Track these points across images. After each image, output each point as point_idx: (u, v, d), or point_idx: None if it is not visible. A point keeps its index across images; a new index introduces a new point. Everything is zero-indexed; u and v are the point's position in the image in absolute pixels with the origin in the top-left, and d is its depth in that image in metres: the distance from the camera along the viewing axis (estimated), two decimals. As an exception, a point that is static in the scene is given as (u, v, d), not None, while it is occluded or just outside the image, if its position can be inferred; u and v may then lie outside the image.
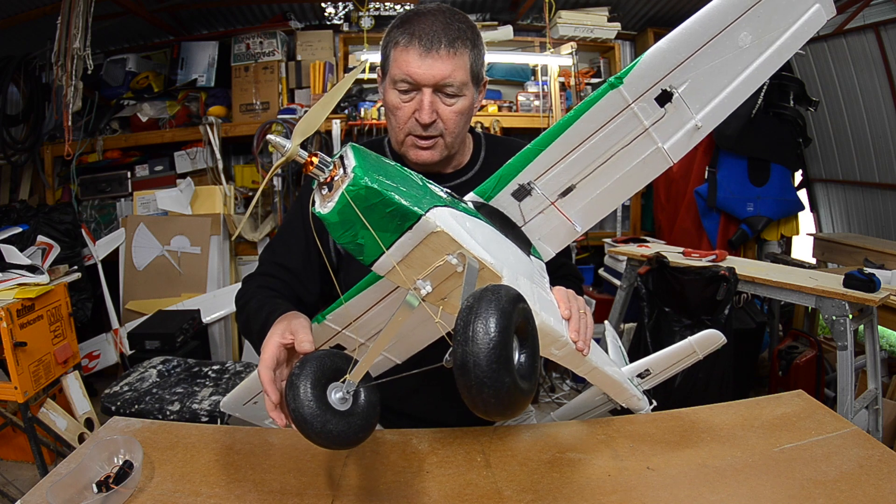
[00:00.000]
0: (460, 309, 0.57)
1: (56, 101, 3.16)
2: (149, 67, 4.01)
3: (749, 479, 0.95)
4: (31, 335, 2.29)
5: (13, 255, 2.50)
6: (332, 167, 0.66)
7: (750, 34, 0.72)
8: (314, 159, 0.65)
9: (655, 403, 1.20)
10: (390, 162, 0.73)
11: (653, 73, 0.74)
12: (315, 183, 0.67)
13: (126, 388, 2.22)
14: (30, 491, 0.89)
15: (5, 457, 2.76)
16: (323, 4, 3.78)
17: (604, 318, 3.12)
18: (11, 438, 2.68)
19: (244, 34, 3.93)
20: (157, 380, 2.30)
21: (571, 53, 3.88)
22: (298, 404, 0.71)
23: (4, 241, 2.72)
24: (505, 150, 1.22)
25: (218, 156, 3.78)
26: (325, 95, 0.69)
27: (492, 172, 0.86)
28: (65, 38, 2.87)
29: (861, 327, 2.36)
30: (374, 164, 0.67)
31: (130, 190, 3.95)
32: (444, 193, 0.75)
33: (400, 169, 0.72)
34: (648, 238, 3.66)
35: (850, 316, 2.19)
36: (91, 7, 2.86)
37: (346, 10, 3.83)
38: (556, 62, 3.95)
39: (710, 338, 1.20)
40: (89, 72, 2.94)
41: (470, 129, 1.21)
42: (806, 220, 4.12)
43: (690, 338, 1.20)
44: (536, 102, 4.02)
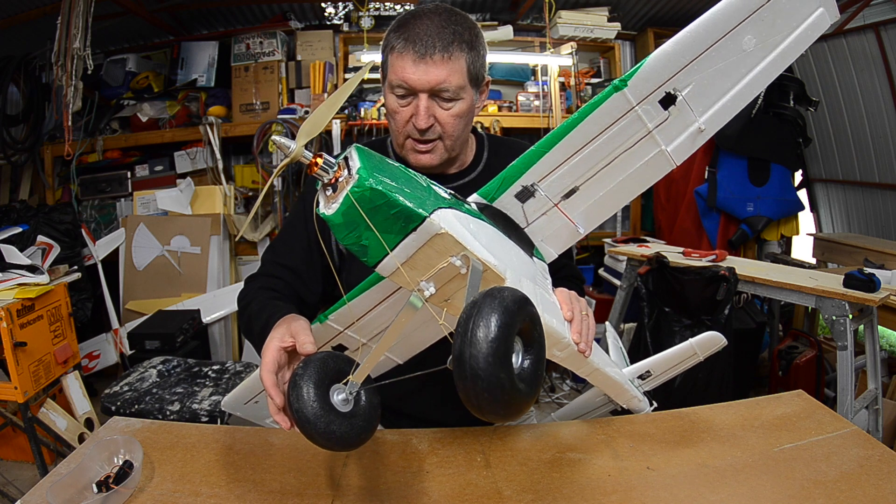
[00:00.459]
0: (464, 306, 0.57)
1: (56, 101, 3.16)
2: (149, 67, 4.01)
3: (749, 479, 0.95)
4: (31, 335, 2.29)
5: (13, 255, 2.50)
6: (336, 168, 0.65)
7: (754, 38, 0.72)
8: (318, 160, 0.65)
9: (656, 405, 1.20)
10: (394, 163, 0.73)
11: (657, 75, 0.74)
12: (319, 184, 0.67)
13: (126, 388, 2.22)
14: (30, 491, 0.89)
15: (5, 457, 2.76)
16: (323, 4, 3.78)
17: (604, 318, 3.12)
18: (11, 438, 2.68)
19: (244, 34, 3.93)
20: (157, 380, 2.30)
21: (571, 53, 3.88)
22: (302, 405, 0.71)
23: (4, 241, 2.72)
24: (508, 150, 1.22)
25: (218, 156, 3.78)
26: (331, 96, 0.69)
27: (495, 173, 0.86)
28: (65, 38, 2.87)
29: (861, 327, 2.35)
30: (379, 166, 0.67)
31: (130, 190, 3.95)
32: (447, 195, 0.75)
33: (404, 170, 0.72)
34: (648, 238, 3.66)
35: (850, 316, 2.19)
36: (91, 7, 2.86)
37: (346, 10, 3.83)
38: (556, 62, 3.95)
39: (711, 339, 1.20)
40: (89, 72, 2.94)
41: (472, 129, 1.21)
42: (806, 220, 4.12)
43: (691, 339, 1.20)
44: (536, 102, 4.02)
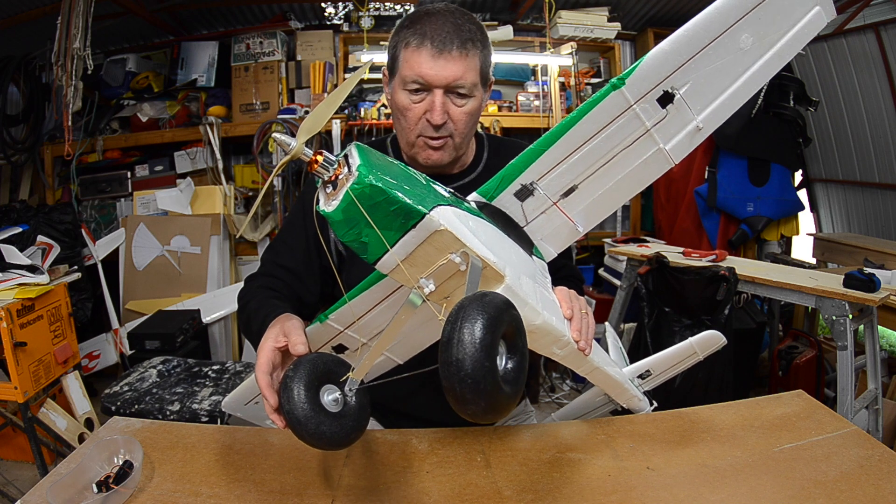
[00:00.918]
0: (453, 307, 0.58)
1: (56, 101, 3.16)
2: (149, 67, 4.01)
3: (749, 479, 0.95)
4: (31, 335, 2.29)
5: (13, 255, 2.50)
6: (336, 166, 0.66)
7: (751, 36, 0.73)
8: (319, 158, 0.65)
9: (656, 404, 1.20)
10: (394, 161, 0.73)
11: (655, 74, 0.74)
12: (319, 181, 0.67)
13: (126, 388, 2.22)
14: (30, 491, 0.89)
15: (5, 457, 2.76)
16: (323, 4, 3.77)
17: (604, 318, 3.12)
18: (11, 438, 2.68)
19: (244, 34, 3.93)
20: (157, 380, 2.30)
21: (571, 53, 3.88)
22: (292, 406, 0.72)
23: (4, 241, 2.72)
24: (508, 150, 1.22)
25: (218, 156, 3.78)
26: (331, 95, 0.69)
27: (494, 173, 0.87)
28: (65, 38, 2.86)
29: (861, 327, 2.35)
30: (379, 163, 0.67)
31: (130, 190, 3.95)
32: (447, 193, 0.75)
33: (404, 168, 0.73)
34: (648, 238, 3.66)
35: (850, 316, 2.19)
36: (91, 7, 2.86)
37: (346, 10, 3.82)
38: (556, 62, 3.95)
39: (711, 339, 1.20)
40: (89, 72, 2.93)
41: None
42: (806, 220, 4.12)
43: (691, 339, 1.20)
44: (536, 102, 4.02)
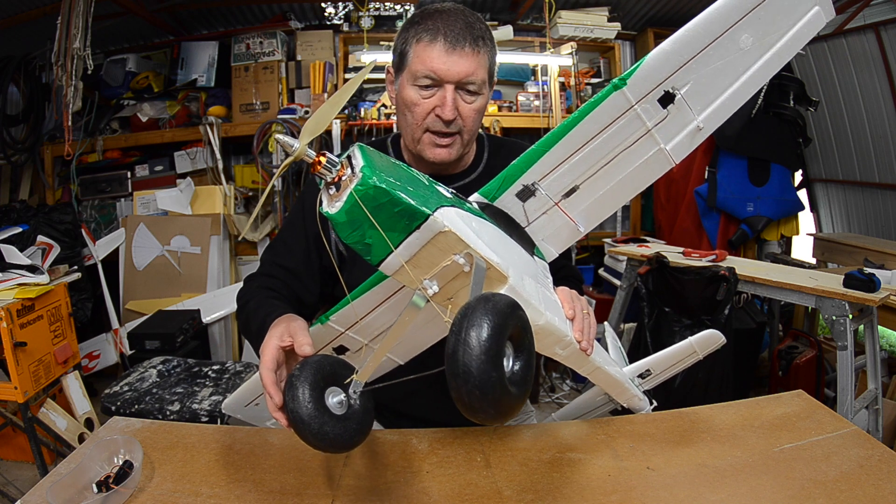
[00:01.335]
0: (460, 308, 0.58)
1: (56, 101, 3.16)
2: (149, 67, 4.01)
3: (749, 479, 0.95)
4: (31, 335, 2.29)
5: (13, 255, 2.50)
6: (339, 167, 0.66)
7: (751, 36, 0.73)
8: (322, 158, 0.65)
9: (656, 404, 1.20)
10: (397, 162, 0.73)
11: (656, 74, 0.74)
12: (322, 182, 0.67)
13: (126, 388, 2.22)
14: (30, 491, 0.89)
15: (5, 457, 2.76)
16: (323, 4, 3.78)
17: (604, 318, 3.12)
18: (11, 438, 2.68)
19: (244, 34, 3.93)
20: (157, 380, 2.30)
21: (571, 53, 3.88)
22: (297, 405, 0.72)
23: (4, 241, 2.72)
24: (508, 151, 1.23)
25: (218, 156, 3.78)
26: (334, 95, 0.69)
27: (495, 174, 0.87)
28: (65, 38, 2.86)
29: (861, 327, 2.35)
30: (382, 164, 0.67)
31: (130, 190, 3.95)
32: (449, 194, 0.76)
33: (407, 169, 0.73)
34: (648, 238, 3.66)
35: (850, 316, 2.19)
36: (91, 7, 2.86)
37: (346, 10, 3.82)
38: (556, 62, 3.95)
39: (710, 338, 1.20)
40: (89, 72, 2.93)
41: None
42: (806, 220, 4.12)
43: (691, 338, 1.20)
44: (536, 102, 4.02)
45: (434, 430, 1.12)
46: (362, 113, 3.74)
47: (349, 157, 0.67)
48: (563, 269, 1.23)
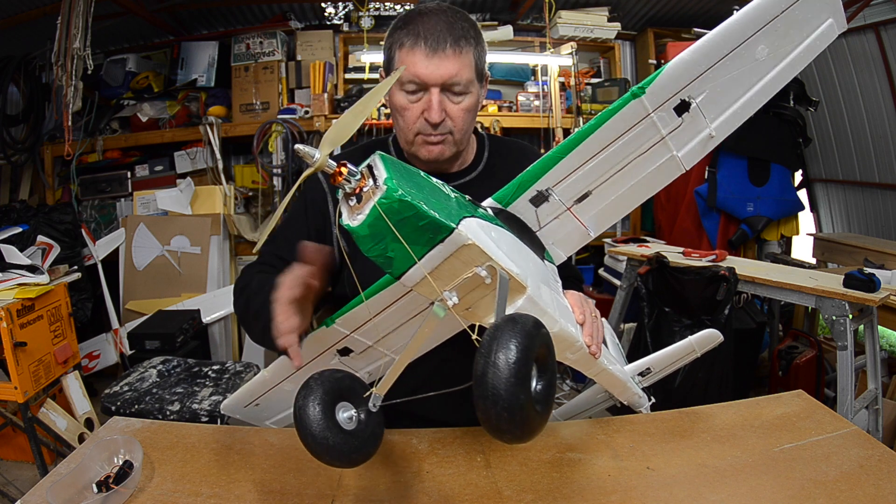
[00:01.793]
0: (486, 333, 0.58)
1: (56, 101, 3.16)
2: (149, 67, 4.01)
3: (749, 479, 0.95)
4: (31, 335, 2.29)
5: (13, 255, 2.50)
6: (359, 177, 0.64)
7: (767, 47, 0.75)
8: (343, 170, 0.64)
9: (654, 400, 1.21)
10: (416, 170, 0.72)
11: (675, 83, 0.76)
12: (341, 193, 0.66)
13: (126, 388, 2.22)
14: (30, 491, 0.89)
15: (5, 457, 2.76)
16: (323, 4, 3.78)
17: (604, 318, 3.11)
18: (11, 438, 2.67)
19: (244, 34, 3.93)
20: (157, 380, 2.29)
21: (571, 53, 3.88)
22: (306, 403, 0.73)
23: (4, 241, 2.72)
24: (509, 151, 1.23)
25: (218, 156, 3.78)
26: (358, 103, 0.67)
27: (495, 173, 0.87)
28: (65, 38, 2.86)
29: (861, 327, 2.35)
30: (405, 175, 0.66)
31: (130, 190, 3.95)
32: (466, 201, 0.75)
33: (427, 178, 0.71)
34: (648, 238, 3.65)
35: (850, 316, 2.19)
36: (91, 7, 2.86)
37: (346, 10, 3.83)
38: (556, 62, 3.95)
39: (709, 337, 1.22)
40: (89, 72, 2.94)
41: (473, 129, 1.21)
42: (806, 220, 4.11)
43: (690, 337, 1.22)
44: (536, 102, 4.02)
45: (434, 430, 1.12)
46: (363, 113, 3.73)
47: (370, 167, 0.66)
48: (563, 269, 1.23)
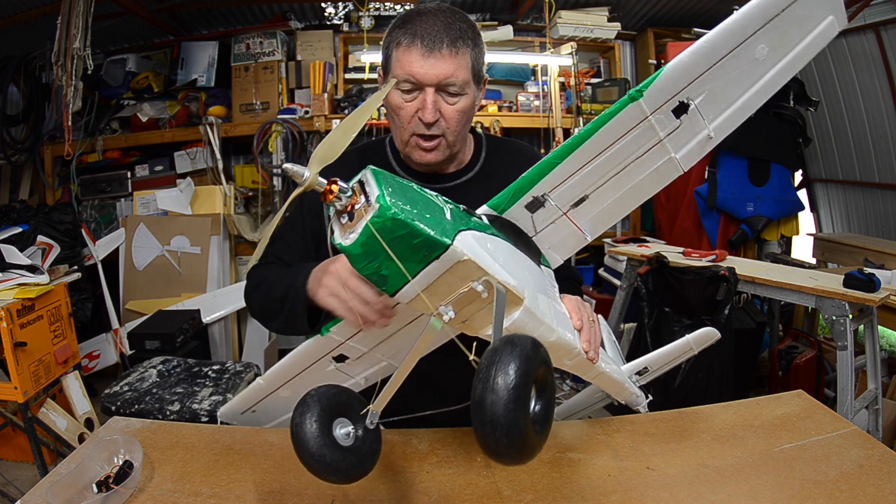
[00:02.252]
0: (483, 356, 0.57)
1: (56, 101, 3.16)
2: (149, 67, 4.01)
3: (749, 479, 0.95)
4: (31, 335, 2.29)
5: (13, 255, 2.50)
6: (351, 194, 0.63)
7: (766, 46, 0.73)
8: (334, 188, 0.63)
9: (651, 398, 1.21)
10: (408, 182, 0.70)
11: (673, 85, 0.74)
12: (332, 210, 0.65)
13: (126, 388, 2.22)
14: (30, 491, 0.89)
15: (5, 457, 2.76)
16: (323, 4, 3.78)
17: (604, 318, 3.11)
18: (11, 438, 2.67)
19: (244, 34, 3.93)
20: (157, 380, 2.29)
21: (571, 53, 3.88)
22: (303, 420, 0.73)
23: (4, 241, 2.72)
24: (506, 151, 1.22)
25: (218, 156, 3.78)
26: (347, 119, 0.66)
27: (492, 173, 0.87)
28: (65, 38, 2.86)
29: (861, 327, 2.35)
30: (397, 191, 0.64)
31: (130, 190, 3.95)
32: (461, 211, 0.74)
33: (420, 190, 0.70)
34: (648, 238, 3.65)
35: (850, 316, 2.19)
36: (91, 7, 2.86)
37: (346, 10, 3.83)
38: (556, 62, 3.95)
39: (706, 335, 1.21)
40: (89, 72, 2.93)
41: (471, 128, 1.21)
42: (806, 220, 4.11)
43: (688, 336, 1.21)
44: (536, 102, 4.02)
45: (434, 430, 1.12)
46: (362, 113, 3.74)
47: (361, 183, 0.65)
48: (562, 271, 1.23)
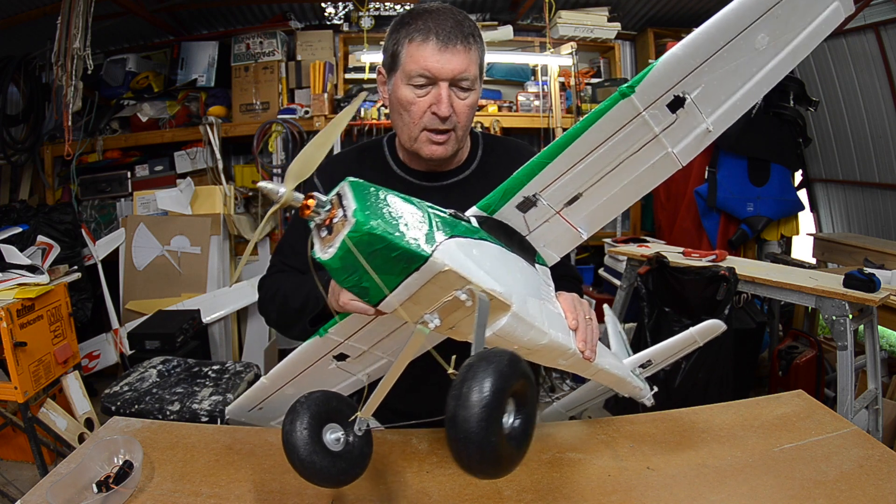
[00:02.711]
0: (459, 371, 0.57)
1: (56, 101, 3.16)
2: (149, 67, 4.01)
3: (749, 479, 0.95)
4: (31, 335, 2.29)
5: (13, 255, 2.50)
6: (329, 207, 0.63)
7: (767, 35, 0.70)
8: (310, 202, 0.62)
9: (657, 389, 1.20)
10: (389, 191, 0.68)
11: (666, 80, 0.71)
12: (312, 224, 0.64)
13: (126, 388, 2.22)
14: (30, 491, 0.89)
15: (5, 457, 2.76)
16: (323, 4, 3.78)
17: (603, 319, 3.11)
18: (11, 438, 2.67)
19: (244, 34, 3.93)
20: (157, 380, 2.29)
21: (571, 53, 3.88)
22: (293, 428, 0.74)
23: (4, 241, 2.72)
24: (503, 149, 1.23)
25: (218, 156, 3.78)
26: (320, 134, 0.65)
27: (489, 171, 0.87)
28: (65, 38, 2.86)
29: (861, 327, 2.35)
30: (375, 203, 0.63)
31: (130, 190, 3.95)
32: (447, 216, 0.72)
33: (402, 198, 0.68)
34: (648, 238, 3.65)
35: (850, 316, 2.18)
36: (91, 7, 2.86)
37: (346, 10, 3.83)
38: (556, 62, 3.95)
39: (711, 327, 1.20)
40: (89, 72, 2.93)
41: None
42: (806, 220, 4.11)
43: (692, 328, 1.19)
44: (536, 102, 4.02)
45: (434, 430, 1.12)
46: (362, 113, 3.74)
47: (339, 196, 0.64)
48: (561, 269, 1.23)
